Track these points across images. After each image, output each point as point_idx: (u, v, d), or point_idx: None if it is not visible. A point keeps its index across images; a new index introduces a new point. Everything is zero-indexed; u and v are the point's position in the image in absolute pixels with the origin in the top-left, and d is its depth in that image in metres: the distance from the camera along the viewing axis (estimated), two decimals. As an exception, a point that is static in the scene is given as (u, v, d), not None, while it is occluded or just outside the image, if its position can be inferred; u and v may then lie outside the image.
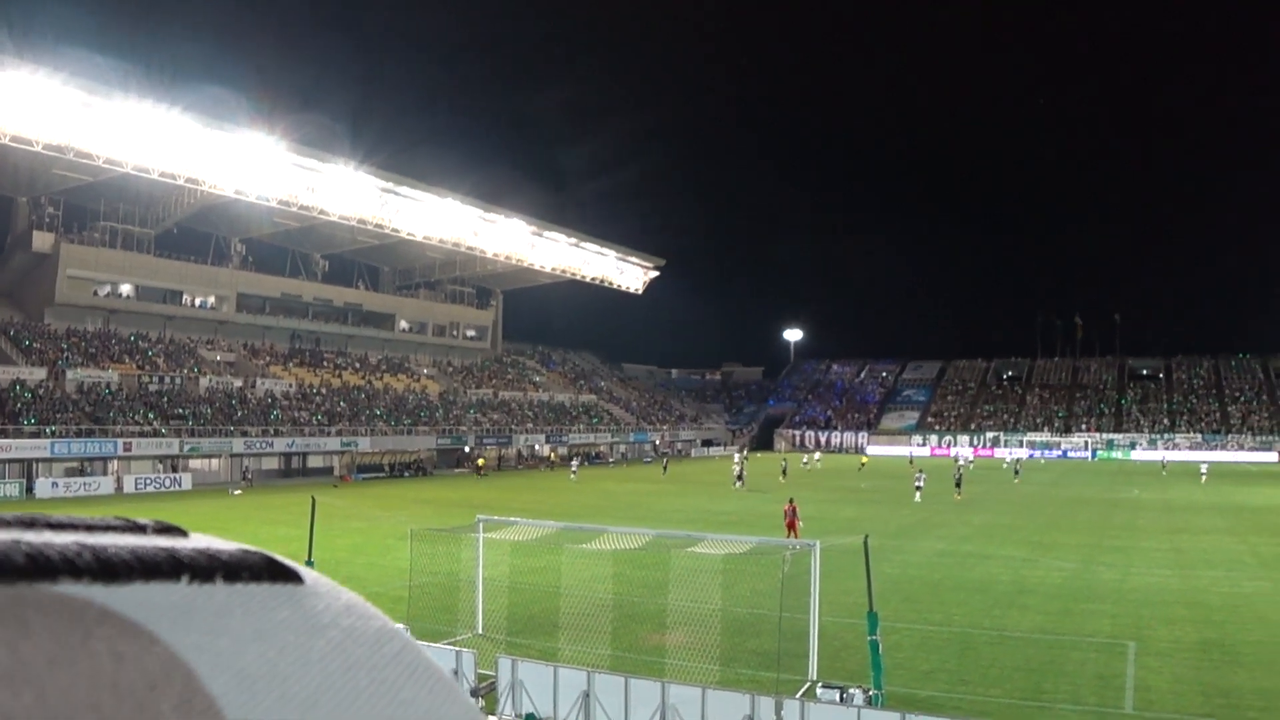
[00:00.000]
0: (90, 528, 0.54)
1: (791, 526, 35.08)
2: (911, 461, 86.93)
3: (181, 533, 0.58)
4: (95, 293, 75.90)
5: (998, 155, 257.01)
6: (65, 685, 0.43)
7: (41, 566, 0.47)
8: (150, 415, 66.65)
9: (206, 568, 0.53)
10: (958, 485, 59.85)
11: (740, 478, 65.97)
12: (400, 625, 0.62)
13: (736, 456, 77.80)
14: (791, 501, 36.97)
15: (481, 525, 23.30)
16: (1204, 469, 78.86)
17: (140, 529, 0.57)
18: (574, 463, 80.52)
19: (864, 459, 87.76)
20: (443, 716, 0.54)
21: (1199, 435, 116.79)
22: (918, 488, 57.88)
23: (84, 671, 0.44)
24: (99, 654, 0.45)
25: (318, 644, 0.54)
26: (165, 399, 69.53)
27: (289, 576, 0.57)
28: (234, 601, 0.53)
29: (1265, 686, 18.24)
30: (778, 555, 22.56)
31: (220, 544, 0.57)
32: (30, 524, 0.53)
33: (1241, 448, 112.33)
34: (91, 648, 0.45)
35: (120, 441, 62.36)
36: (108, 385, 67.77)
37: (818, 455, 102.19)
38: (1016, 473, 78.02)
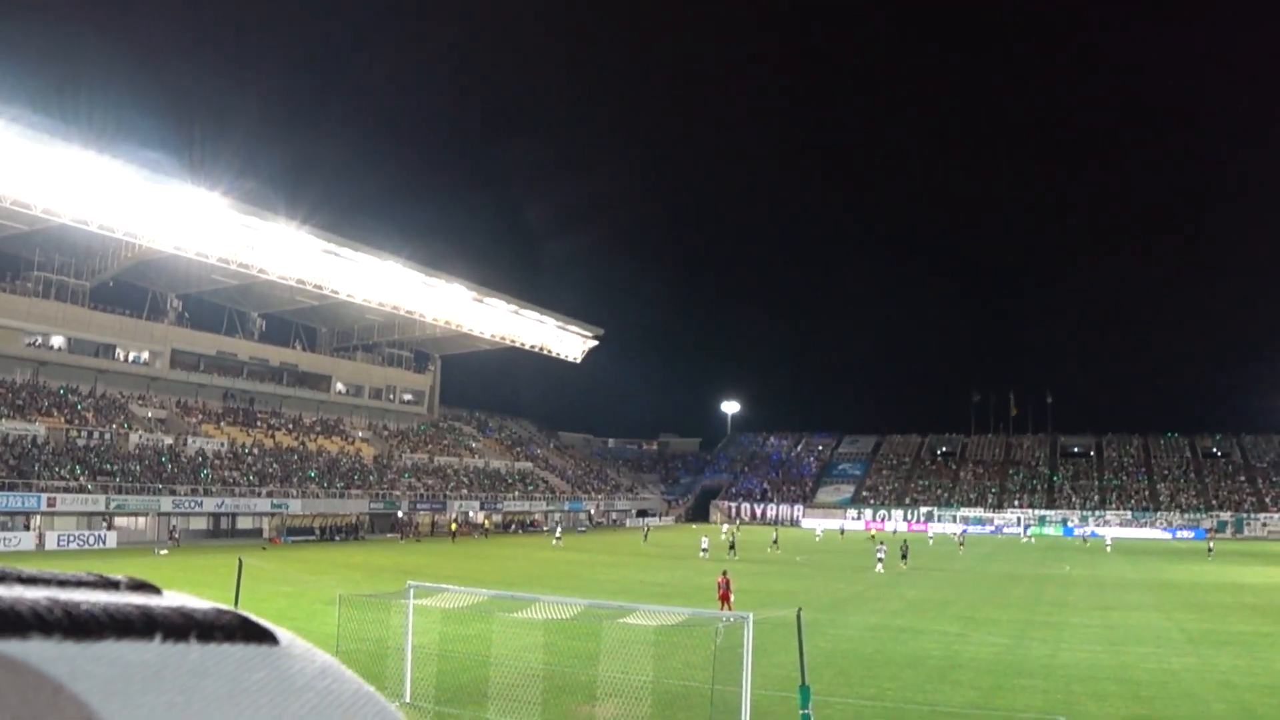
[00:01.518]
0: (63, 583, 0.53)
1: (725, 599, 34.87)
2: (873, 537, 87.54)
3: (155, 590, 0.57)
4: (26, 343, 74.46)
5: (939, 236, 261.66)
6: None
7: (12, 622, 0.46)
8: (77, 470, 65.22)
9: (180, 626, 0.52)
10: (904, 556, 61.99)
11: (733, 547, 67.30)
12: (373, 689, 0.61)
13: (726, 527, 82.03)
14: (725, 574, 36.80)
15: (412, 591, 22.92)
16: (1108, 543, 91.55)
17: (113, 585, 0.56)
18: (558, 529, 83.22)
19: (776, 531, 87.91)
20: None
21: (1129, 512, 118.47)
22: (879, 559, 59.14)
23: None
24: None
25: (293, 707, 0.52)
26: (93, 454, 68.14)
27: (264, 637, 0.56)
28: (208, 662, 0.51)
29: (1192, 766, 18.28)
30: (710, 627, 22.41)
31: (195, 602, 0.56)
32: (1, 578, 0.52)
33: (1170, 525, 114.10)
34: None
35: (44, 496, 60.90)
36: (34, 438, 66.27)
37: (726, 528, 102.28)
38: (961, 544, 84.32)
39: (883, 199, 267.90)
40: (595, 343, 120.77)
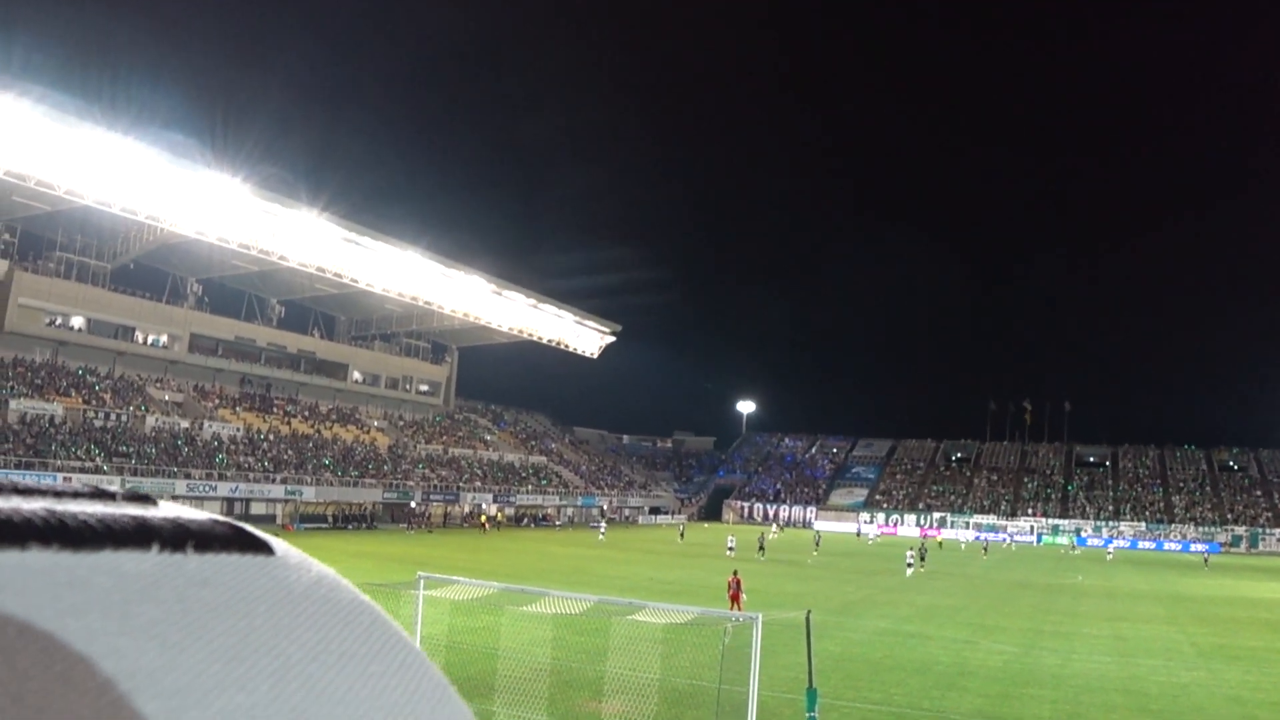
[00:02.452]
0: (59, 494, 0.53)
1: (735, 599, 34.82)
2: (888, 541, 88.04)
3: (151, 501, 0.57)
4: (46, 323, 74.86)
5: (959, 240, 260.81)
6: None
7: (10, 532, 0.46)
8: (94, 451, 65.56)
9: (177, 536, 0.52)
10: (922, 559, 62.94)
11: (762, 548, 67.52)
12: (369, 599, 0.62)
13: (774, 527, 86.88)
14: (735, 574, 36.74)
15: (422, 582, 22.95)
16: (1110, 552, 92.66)
17: (109, 496, 0.56)
18: (603, 524, 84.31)
19: (772, 533, 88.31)
20: (415, 691, 0.54)
21: (1143, 524, 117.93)
22: (909, 565, 59.91)
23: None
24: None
25: (290, 615, 0.53)
26: (110, 435, 68.48)
27: (260, 547, 0.56)
28: (205, 572, 0.52)
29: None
30: (719, 627, 22.39)
31: (191, 513, 0.57)
32: None
33: (1184, 538, 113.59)
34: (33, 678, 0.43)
35: (59, 476, 61.17)
36: (51, 418, 66.64)
37: (774, 528, 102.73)
38: (985, 550, 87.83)
39: (904, 202, 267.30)
40: (613, 338, 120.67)
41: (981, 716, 21.83)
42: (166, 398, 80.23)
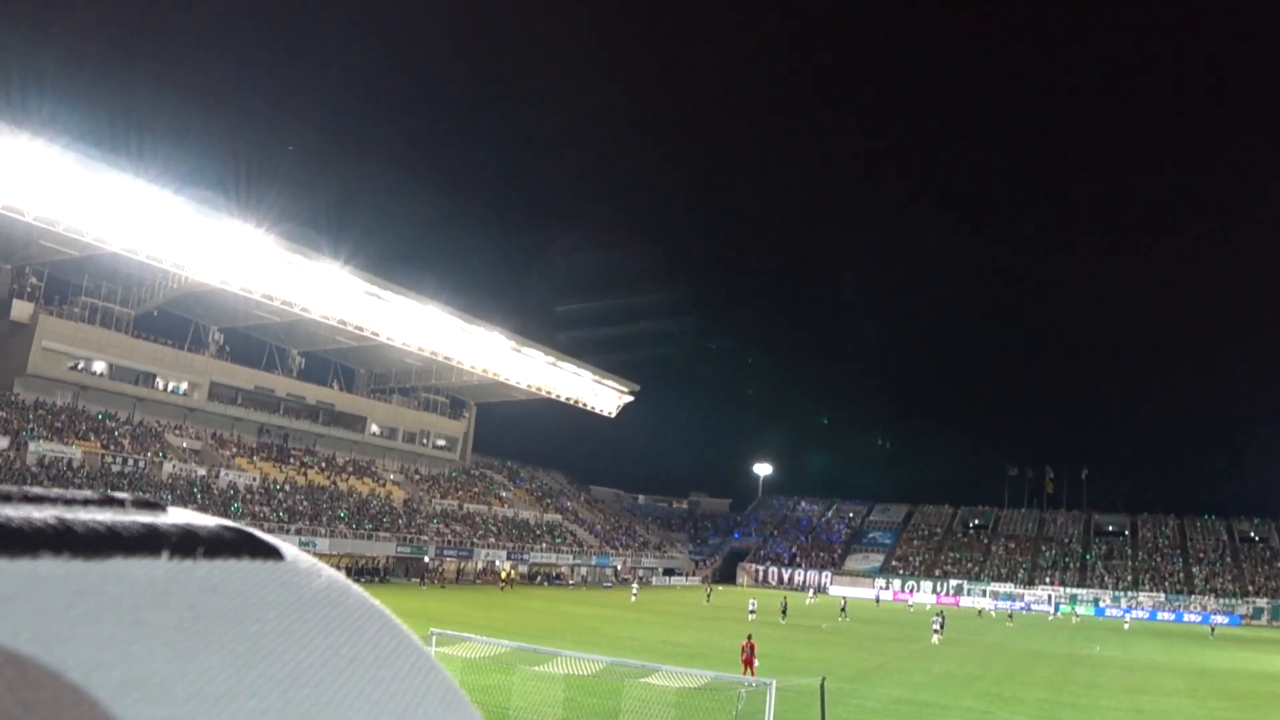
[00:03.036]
0: (69, 502, 0.53)
1: (749, 663, 34.52)
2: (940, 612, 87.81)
3: (160, 507, 0.57)
4: (69, 367, 75.46)
5: (973, 307, 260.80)
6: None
7: (21, 540, 0.46)
8: (109, 499, 65.63)
9: (187, 543, 0.52)
10: (940, 628, 61.79)
11: (784, 611, 68.48)
12: (379, 603, 0.62)
13: (810, 593, 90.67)
14: (750, 638, 36.46)
15: (435, 638, 22.87)
16: (1126, 623, 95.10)
17: (119, 503, 0.56)
18: (635, 585, 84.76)
19: (809, 599, 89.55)
20: (426, 695, 0.54)
21: (1162, 594, 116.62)
22: (935, 630, 59.97)
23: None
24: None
25: (300, 622, 0.53)
26: (127, 481, 68.63)
27: (270, 553, 0.56)
28: (215, 578, 0.52)
29: None
30: (733, 692, 22.19)
31: (201, 519, 0.57)
32: (8, 498, 0.52)
33: (1204, 609, 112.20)
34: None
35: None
36: (70, 461, 66.91)
37: (811, 595, 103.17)
38: (1010, 616, 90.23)
39: (925, 265, 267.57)
40: (630, 398, 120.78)
41: (997, 790, 21.50)
42: (184, 445, 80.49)
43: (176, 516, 0.56)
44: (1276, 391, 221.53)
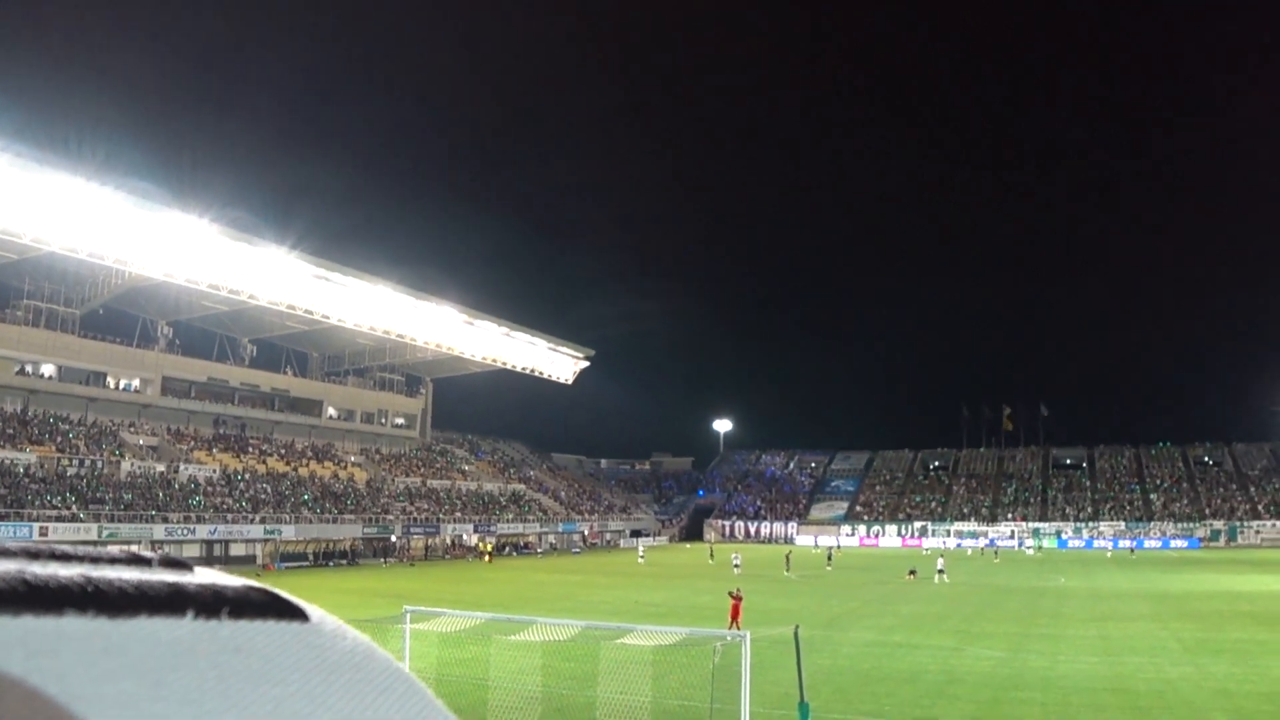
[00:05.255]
0: (96, 560, 0.54)
1: (735, 616, 34.69)
2: (928, 554, 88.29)
3: (187, 567, 0.57)
4: (16, 372, 74.31)
5: (928, 249, 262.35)
6: None
7: (48, 598, 0.46)
8: (69, 499, 65.00)
9: (212, 603, 0.52)
10: (941, 572, 63.80)
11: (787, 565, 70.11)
12: (403, 667, 0.61)
13: (832, 550, 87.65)
14: (739, 591, 36.71)
15: (409, 616, 22.90)
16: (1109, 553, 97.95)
17: (145, 562, 0.56)
18: (641, 546, 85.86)
19: (831, 551, 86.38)
20: None
21: (1122, 523, 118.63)
22: (939, 571, 63.30)
23: None
24: None
25: (326, 684, 0.53)
26: (85, 483, 67.90)
27: (295, 614, 0.56)
28: (240, 639, 0.52)
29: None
30: (708, 646, 22.39)
31: (226, 579, 0.57)
32: (35, 555, 0.53)
33: (1164, 535, 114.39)
34: None
35: (35, 526, 60.59)
36: (25, 467, 66.05)
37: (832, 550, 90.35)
38: (996, 554, 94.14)
39: (873, 212, 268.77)
40: (586, 364, 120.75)
41: (973, 722, 21.91)
42: (141, 442, 79.64)
43: (203, 576, 0.56)
44: (1227, 317, 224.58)
